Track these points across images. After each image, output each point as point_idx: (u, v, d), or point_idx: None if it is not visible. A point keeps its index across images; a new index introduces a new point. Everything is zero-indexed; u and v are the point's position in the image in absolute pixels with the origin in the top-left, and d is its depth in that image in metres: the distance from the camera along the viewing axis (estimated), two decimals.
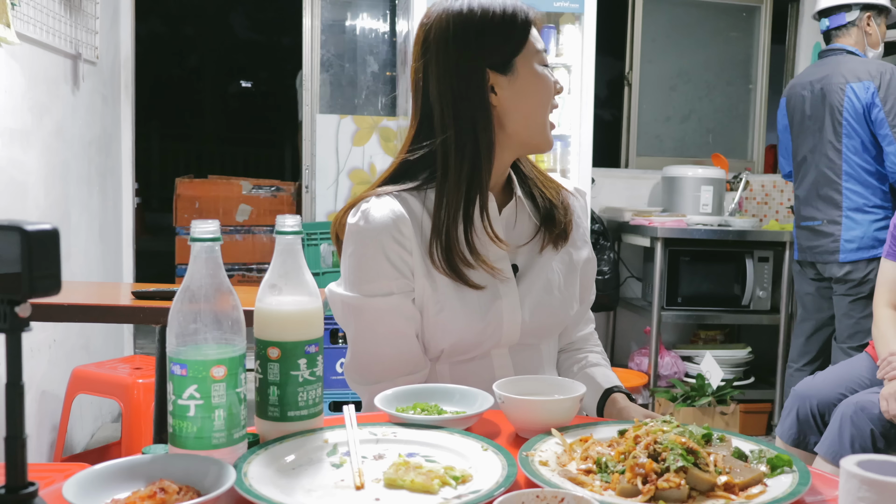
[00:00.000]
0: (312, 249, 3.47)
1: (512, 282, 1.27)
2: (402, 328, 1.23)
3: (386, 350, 1.24)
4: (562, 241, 1.32)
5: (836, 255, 2.92)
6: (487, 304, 1.23)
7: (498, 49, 1.22)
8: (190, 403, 0.83)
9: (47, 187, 2.65)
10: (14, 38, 2.15)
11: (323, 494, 0.81)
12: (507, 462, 0.85)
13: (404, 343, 1.23)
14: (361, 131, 4.04)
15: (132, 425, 2.60)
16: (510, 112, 1.24)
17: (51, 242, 0.64)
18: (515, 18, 1.22)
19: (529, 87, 1.23)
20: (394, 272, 1.20)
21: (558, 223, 1.31)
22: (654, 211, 3.86)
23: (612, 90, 5.53)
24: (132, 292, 2.07)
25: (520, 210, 1.31)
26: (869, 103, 2.81)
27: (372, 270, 1.20)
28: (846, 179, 2.90)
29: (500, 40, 1.22)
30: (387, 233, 1.19)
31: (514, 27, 1.22)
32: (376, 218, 1.19)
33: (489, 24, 1.21)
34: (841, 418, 2.07)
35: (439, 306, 1.22)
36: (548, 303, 1.29)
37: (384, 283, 1.20)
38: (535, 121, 1.25)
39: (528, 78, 1.23)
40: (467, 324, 1.23)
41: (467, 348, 1.26)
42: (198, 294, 0.85)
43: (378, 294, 1.20)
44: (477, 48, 1.21)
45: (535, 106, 1.24)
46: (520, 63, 1.23)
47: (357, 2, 4.08)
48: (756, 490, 0.81)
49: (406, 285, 1.21)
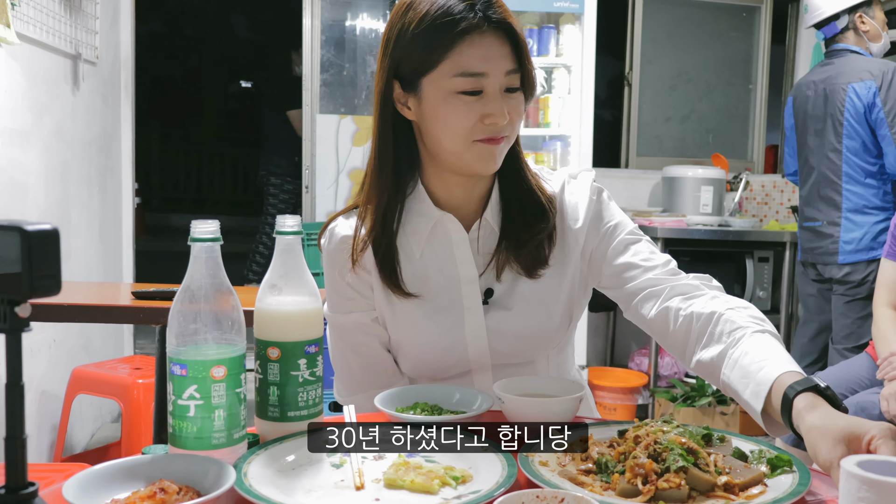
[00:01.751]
0: (312, 249, 3.47)
1: (479, 308, 1.18)
2: (367, 342, 1.24)
3: (355, 363, 1.25)
4: (527, 272, 1.18)
5: (835, 257, 2.92)
6: (448, 330, 1.19)
7: (405, 63, 1.08)
8: (190, 403, 0.83)
9: (47, 187, 2.65)
10: (14, 38, 2.15)
11: (323, 494, 0.81)
12: (507, 462, 0.85)
13: (373, 356, 1.24)
14: (361, 131, 4.04)
15: (132, 425, 2.60)
16: (424, 132, 1.12)
17: (51, 242, 0.64)
18: (436, 31, 1.04)
19: (434, 114, 1.07)
20: (351, 291, 1.21)
21: (527, 254, 1.17)
22: (654, 211, 3.86)
23: (612, 90, 5.53)
24: (132, 292, 2.07)
25: (487, 232, 1.19)
26: (870, 103, 2.80)
27: (333, 289, 1.22)
28: (846, 181, 2.90)
29: (406, 53, 1.07)
30: (345, 252, 1.19)
31: (427, 42, 1.05)
32: (336, 237, 1.20)
33: (406, 32, 1.07)
34: None
35: (397, 328, 1.22)
36: (522, 328, 1.19)
37: (345, 301, 1.21)
38: (448, 147, 1.09)
39: (434, 104, 1.07)
40: (427, 348, 1.20)
41: (434, 370, 1.22)
42: (198, 294, 0.85)
43: (340, 311, 1.22)
44: (389, 55, 1.10)
45: (441, 133, 1.08)
46: (427, 84, 1.07)
47: (357, 2, 4.08)
48: (756, 490, 0.81)
49: (365, 304, 1.21)
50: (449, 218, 1.18)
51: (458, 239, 1.18)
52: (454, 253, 1.19)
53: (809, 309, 3.14)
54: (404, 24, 1.07)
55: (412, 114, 1.12)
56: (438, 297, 1.19)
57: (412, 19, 1.06)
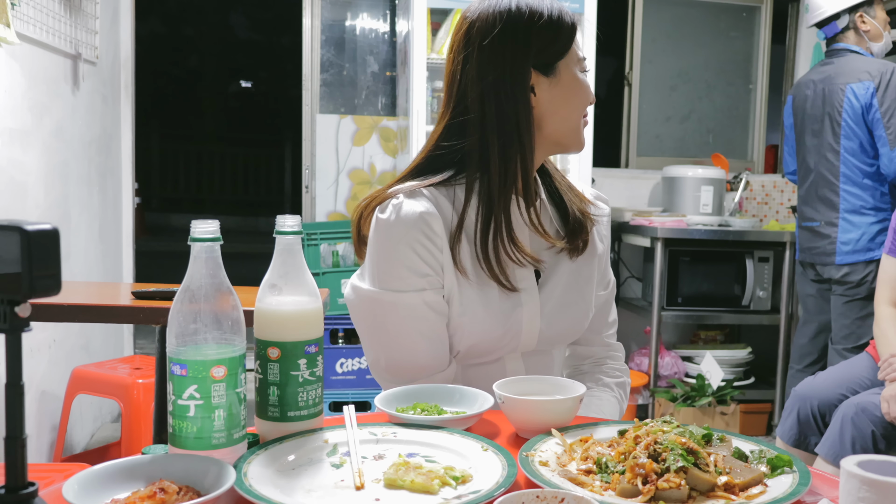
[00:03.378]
0: (312, 249, 3.47)
1: (534, 289, 1.26)
2: (435, 323, 1.21)
3: (421, 346, 1.21)
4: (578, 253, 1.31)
5: (833, 257, 2.91)
6: (509, 311, 1.23)
7: (544, 50, 1.22)
8: (190, 403, 0.83)
9: (47, 187, 2.65)
10: (14, 38, 2.15)
11: (323, 495, 0.81)
12: (507, 462, 0.85)
13: (437, 339, 1.22)
14: (361, 131, 4.04)
15: (132, 425, 2.60)
16: (548, 114, 1.24)
17: (51, 242, 0.64)
18: (562, 22, 1.22)
19: (569, 92, 1.24)
20: (425, 268, 1.19)
21: (582, 236, 1.30)
22: (654, 211, 3.86)
23: (612, 90, 5.53)
24: (132, 292, 2.07)
25: (543, 214, 1.30)
26: (867, 104, 2.80)
27: (403, 266, 1.18)
28: (843, 181, 2.90)
29: (546, 42, 1.22)
30: (417, 228, 1.17)
31: (560, 31, 1.22)
32: (408, 213, 1.17)
33: (537, 25, 1.21)
34: (842, 419, 2.06)
35: (462, 308, 1.21)
36: (566, 311, 1.29)
37: (416, 279, 1.18)
38: (571, 125, 1.26)
39: (570, 82, 1.24)
40: (487, 329, 1.22)
41: (483, 352, 1.26)
42: (198, 294, 0.85)
43: (410, 290, 1.19)
44: (523, 47, 1.21)
45: (572, 110, 1.25)
46: (562, 67, 1.23)
47: (357, 2, 4.08)
48: (756, 490, 0.81)
49: (437, 281, 1.20)
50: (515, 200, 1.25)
51: (517, 221, 1.25)
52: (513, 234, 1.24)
53: (809, 309, 3.14)
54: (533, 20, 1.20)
55: (537, 99, 1.23)
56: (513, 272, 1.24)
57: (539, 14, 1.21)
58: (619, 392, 1.41)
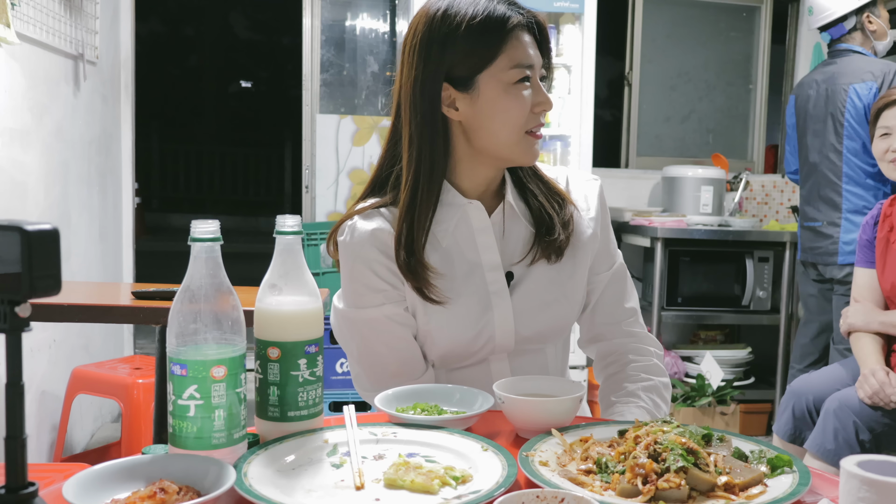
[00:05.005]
0: (312, 249, 3.47)
1: (505, 292, 1.24)
2: (401, 334, 1.24)
3: (390, 358, 1.25)
4: (556, 256, 1.25)
5: (835, 257, 2.91)
6: (478, 316, 1.23)
7: (459, 64, 1.14)
8: (190, 403, 0.83)
9: (47, 187, 2.65)
10: (14, 38, 2.15)
11: (323, 494, 0.81)
12: (507, 462, 0.85)
13: (406, 348, 1.25)
14: (361, 131, 4.04)
15: (132, 425, 2.60)
16: (473, 130, 1.18)
17: (51, 242, 0.64)
18: (488, 29, 1.12)
19: (494, 107, 1.15)
20: (381, 283, 1.21)
21: (554, 239, 1.23)
22: (654, 211, 3.86)
23: (612, 90, 5.53)
24: (132, 292, 2.07)
25: (511, 216, 1.26)
26: (870, 104, 2.80)
27: (361, 283, 1.21)
28: (846, 181, 2.90)
29: (461, 55, 1.13)
30: (370, 246, 1.19)
31: (481, 40, 1.12)
32: (360, 232, 1.20)
33: (455, 34, 1.12)
34: (825, 413, 2.09)
35: (427, 318, 1.22)
36: (544, 311, 1.26)
37: (372, 294, 1.21)
38: (503, 140, 1.17)
39: (493, 97, 1.14)
40: (457, 335, 1.23)
41: (460, 357, 1.26)
42: (198, 294, 0.85)
43: (369, 306, 1.22)
44: (436, 60, 1.14)
45: (501, 126, 1.15)
46: (483, 81, 1.14)
47: (357, 2, 4.08)
48: (756, 490, 0.81)
49: (395, 295, 1.22)
50: (476, 206, 1.23)
51: (480, 227, 1.23)
52: (476, 240, 1.23)
53: (810, 309, 3.14)
54: (450, 28, 1.13)
55: (459, 114, 1.17)
56: (465, 284, 1.22)
57: (458, 22, 1.12)
58: (648, 398, 1.27)
